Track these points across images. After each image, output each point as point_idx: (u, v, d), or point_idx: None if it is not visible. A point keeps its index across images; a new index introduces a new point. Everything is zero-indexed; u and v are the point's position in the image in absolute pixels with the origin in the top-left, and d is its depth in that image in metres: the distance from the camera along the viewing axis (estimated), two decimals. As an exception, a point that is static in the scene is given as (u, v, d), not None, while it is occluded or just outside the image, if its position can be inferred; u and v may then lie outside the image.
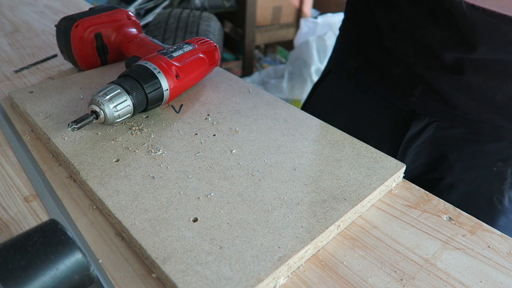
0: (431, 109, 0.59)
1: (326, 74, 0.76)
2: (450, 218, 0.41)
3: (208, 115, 0.53)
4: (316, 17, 2.44)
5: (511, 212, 0.57)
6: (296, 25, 2.51)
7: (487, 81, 0.52)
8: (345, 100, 0.71)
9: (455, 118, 0.58)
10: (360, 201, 0.40)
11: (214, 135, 0.49)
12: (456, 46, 0.52)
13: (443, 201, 0.43)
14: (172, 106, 0.54)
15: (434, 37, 0.54)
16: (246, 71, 2.38)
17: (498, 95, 0.51)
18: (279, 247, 0.34)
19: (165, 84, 0.50)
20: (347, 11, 0.72)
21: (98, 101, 0.45)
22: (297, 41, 2.39)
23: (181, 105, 0.55)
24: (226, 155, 0.45)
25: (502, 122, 0.54)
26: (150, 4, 2.53)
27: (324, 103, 0.73)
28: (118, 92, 0.46)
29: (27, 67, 0.66)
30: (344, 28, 0.74)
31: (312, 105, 0.57)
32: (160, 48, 0.57)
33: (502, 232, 0.54)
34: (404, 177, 0.46)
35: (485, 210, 0.57)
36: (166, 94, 0.51)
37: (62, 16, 0.64)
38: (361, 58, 0.68)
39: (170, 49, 0.55)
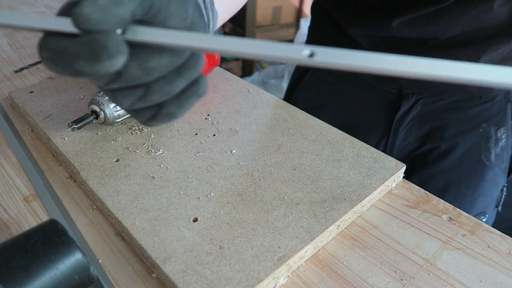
0: (420, 87, 0.63)
1: (305, 71, 0.77)
2: (450, 218, 0.41)
3: (208, 115, 0.53)
4: (316, 17, 2.43)
5: (496, 166, 0.65)
6: (296, 25, 2.51)
7: (472, 49, 0.58)
8: (330, 93, 0.73)
9: (445, 88, 0.63)
10: (360, 201, 0.40)
11: (214, 135, 0.49)
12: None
13: (443, 201, 0.43)
14: (172, 106, 0.54)
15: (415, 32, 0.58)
16: (246, 71, 2.38)
17: (480, 61, 0.58)
18: (279, 247, 0.34)
19: (165, 84, 0.50)
20: (315, 12, 0.75)
21: (98, 101, 0.45)
22: (297, 41, 2.39)
23: (181, 105, 0.55)
24: (226, 155, 0.45)
25: None
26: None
27: (308, 99, 0.75)
28: (118, 92, 0.46)
29: (27, 67, 0.66)
30: (316, 28, 0.76)
31: (294, 103, 0.60)
32: (160, 48, 0.57)
33: (489, 183, 0.61)
34: (398, 154, 0.46)
35: (476, 168, 0.64)
36: (166, 94, 0.51)
37: (62, 16, 0.64)
38: None
39: (170, 49, 0.55)
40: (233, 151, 0.46)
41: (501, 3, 0.53)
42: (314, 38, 0.78)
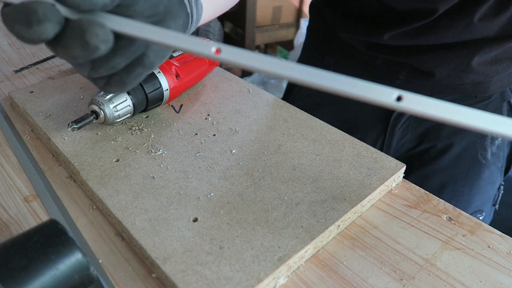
0: (416, 87, 0.64)
1: None
2: (450, 218, 0.41)
3: (208, 115, 0.53)
4: (316, 17, 2.43)
5: (492, 164, 0.65)
6: (296, 25, 2.51)
7: (466, 51, 0.59)
8: (327, 93, 0.73)
9: (440, 89, 0.63)
10: (360, 201, 0.40)
11: (214, 135, 0.49)
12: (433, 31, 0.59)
13: (443, 201, 0.43)
14: (172, 106, 0.54)
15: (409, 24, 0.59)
16: (246, 71, 2.38)
17: (473, 62, 0.59)
18: (279, 247, 0.34)
19: (165, 84, 0.50)
20: (312, 12, 0.75)
21: (98, 101, 0.45)
22: (297, 41, 2.39)
23: (181, 105, 0.55)
24: (226, 155, 0.45)
25: (480, 79, 0.61)
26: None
27: (305, 97, 0.76)
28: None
29: (27, 67, 0.66)
30: (313, 28, 0.76)
31: (292, 101, 0.60)
32: (160, 48, 0.57)
33: (485, 182, 0.61)
34: (395, 153, 0.46)
35: (472, 167, 0.64)
36: (166, 94, 0.51)
37: (62, 16, 0.64)
38: (340, 54, 0.70)
39: (170, 49, 0.55)
40: (233, 151, 0.46)
41: (481, 16, 0.54)
42: (310, 38, 0.78)
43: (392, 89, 0.22)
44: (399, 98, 0.22)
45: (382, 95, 0.23)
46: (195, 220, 0.37)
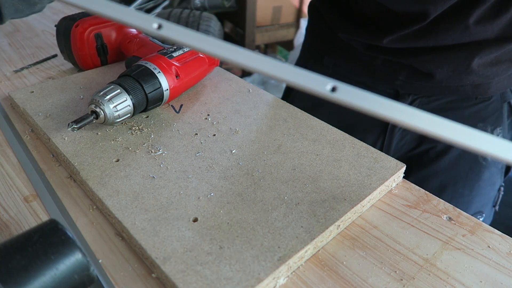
0: (416, 88, 0.64)
1: None
2: (450, 218, 0.41)
3: (208, 115, 0.53)
4: (316, 17, 2.43)
5: (493, 165, 0.65)
6: (296, 25, 2.51)
7: (466, 52, 0.59)
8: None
9: (440, 90, 0.63)
10: (360, 201, 0.40)
11: (214, 135, 0.49)
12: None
13: (443, 201, 0.43)
14: (172, 106, 0.54)
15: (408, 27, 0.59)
16: (246, 71, 2.38)
17: (473, 63, 0.59)
18: (279, 247, 0.34)
19: (165, 84, 0.50)
20: (311, 12, 0.75)
21: (98, 101, 0.45)
22: (297, 41, 2.39)
23: (181, 105, 0.55)
24: (226, 155, 0.45)
25: (480, 80, 0.61)
26: (150, 4, 2.53)
27: (304, 99, 0.76)
28: (118, 92, 0.46)
29: (27, 67, 0.66)
30: (312, 28, 0.76)
31: (291, 102, 0.60)
32: (160, 48, 0.58)
33: (485, 183, 0.61)
34: (395, 154, 0.46)
35: (473, 168, 0.64)
36: (166, 94, 0.51)
37: (62, 16, 0.64)
38: (339, 55, 0.70)
39: (170, 49, 0.55)
40: (233, 151, 0.46)
41: (477, 19, 0.54)
42: (309, 38, 0.78)
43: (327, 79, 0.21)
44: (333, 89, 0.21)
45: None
46: (195, 220, 0.37)
